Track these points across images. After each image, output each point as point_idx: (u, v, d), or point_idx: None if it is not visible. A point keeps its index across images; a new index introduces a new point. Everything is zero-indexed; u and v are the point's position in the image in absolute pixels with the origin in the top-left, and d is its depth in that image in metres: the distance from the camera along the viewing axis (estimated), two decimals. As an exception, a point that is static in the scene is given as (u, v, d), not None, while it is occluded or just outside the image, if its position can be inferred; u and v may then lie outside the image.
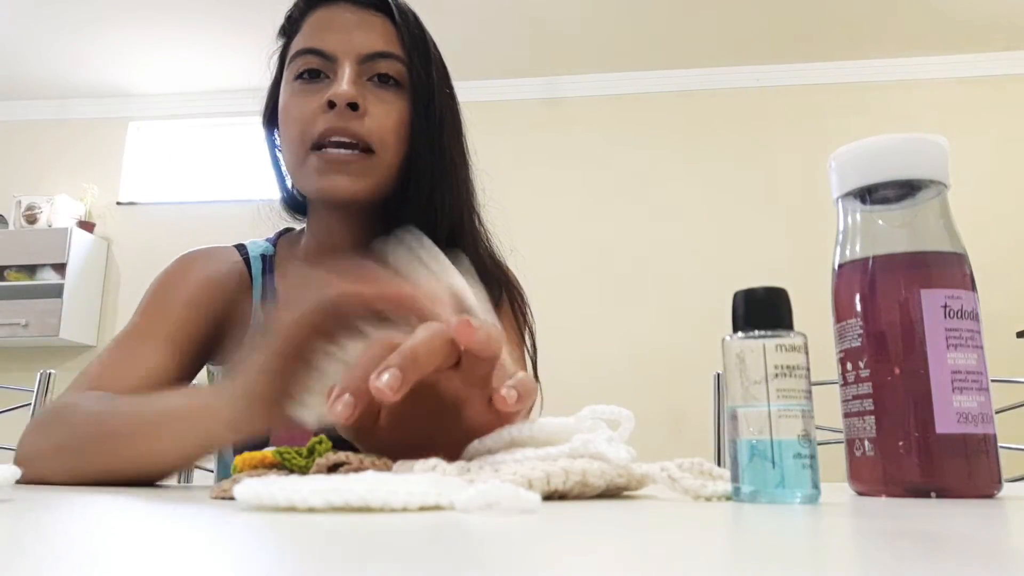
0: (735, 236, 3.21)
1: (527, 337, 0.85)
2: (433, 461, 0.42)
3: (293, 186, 0.84)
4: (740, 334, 0.41)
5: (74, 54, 3.33)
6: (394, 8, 0.76)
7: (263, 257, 0.83)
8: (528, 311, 0.86)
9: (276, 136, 0.82)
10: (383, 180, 0.74)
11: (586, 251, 3.24)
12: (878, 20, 3.02)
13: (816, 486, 0.38)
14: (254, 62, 3.37)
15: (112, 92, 3.65)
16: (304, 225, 0.86)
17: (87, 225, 3.50)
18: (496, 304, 0.82)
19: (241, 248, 0.84)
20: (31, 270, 3.38)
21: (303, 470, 0.43)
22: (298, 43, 0.77)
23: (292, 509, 0.29)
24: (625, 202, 3.31)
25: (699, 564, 0.19)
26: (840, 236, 0.52)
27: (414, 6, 0.83)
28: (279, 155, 0.82)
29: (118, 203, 3.62)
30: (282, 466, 0.44)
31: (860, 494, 0.47)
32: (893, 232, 0.49)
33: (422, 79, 0.75)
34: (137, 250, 3.55)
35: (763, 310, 0.41)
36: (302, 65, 0.75)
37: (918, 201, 0.49)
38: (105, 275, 3.55)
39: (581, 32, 3.13)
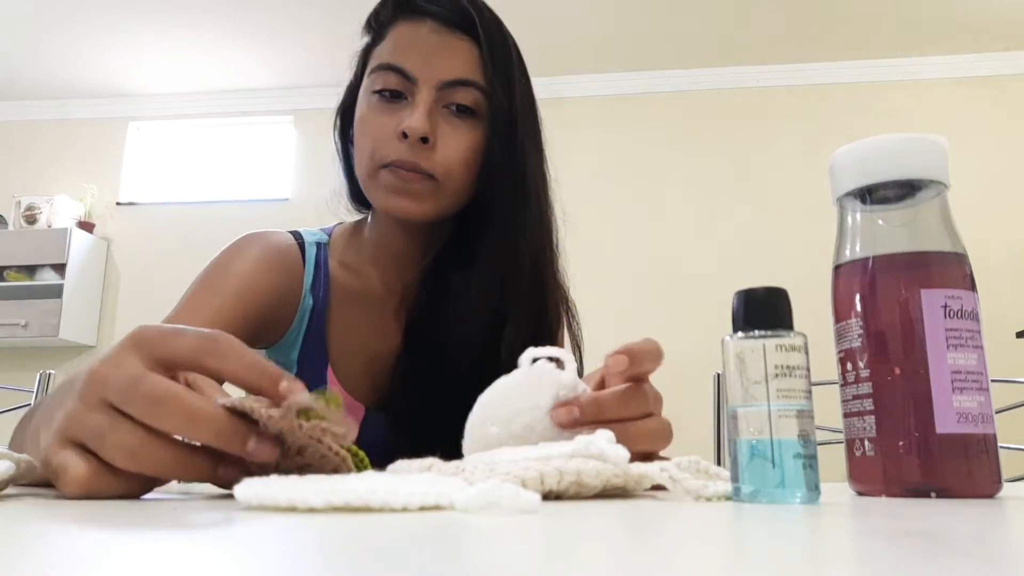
0: (735, 236, 3.21)
1: (577, 355, 0.87)
2: (429, 460, 0.42)
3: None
4: (740, 334, 0.41)
5: (74, 54, 3.33)
6: (480, 32, 0.75)
7: (318, 244, 0.84)
8: (580, 333, 0.88)
9: (350, 133, 0.83)
10: (447, 205, 0.76)
11: (586, 251, 3.23)
12: (878, 20, 3.02)
13: (816, 486, 0.38)
14: (254, 62, 3.38)
15: (112, 92, 3.65)
16: (361, 216, 0.88)
17: (87, 225, 3.50)
18: (557, 324, 0.84)
19: (296, 235, 0.85)
20: (31, 270, 3.38)
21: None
22: (381, 55, 0.77)
23: (292, 509, 0.29)
24: (625, 202, 3.31)
25: (699, 564, 0.19)
26: (840, 236, 0.52)
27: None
28: (351, 149, 0.82)
29: (118, 203, 3.62)
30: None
31: (860, 494, 0.47)
32: (893, 232, 0.49)
33: (503, 108, 0.75)
34: (137, 250, 3.55)
35: (763, 310, 0.41)
36: (382, 82, 0.75)
37: (918, 201, 0.49)
38: (105, 275, 3.55)
39: (582, 32, 3.13)
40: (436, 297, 0.78)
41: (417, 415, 0.77)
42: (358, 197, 0.86)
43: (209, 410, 0.36)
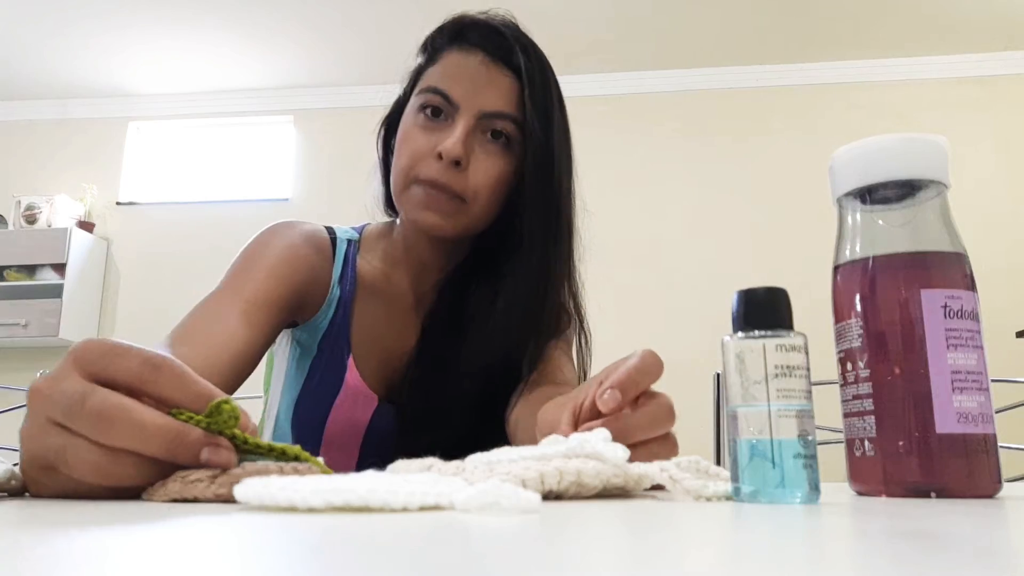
0: (735, 236, 3.21)
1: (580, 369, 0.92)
2: (429, 461, 0.42)
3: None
4: (740, 334, 0.41)
5: (74, 54, 3.33)
6: (524, 70, 0.80)
7: (348, 241, 0.89)
8: (589, 357, 0.93)
9: (391, 143, 0.87)
10: (471, 224, 0.80)
11: (586, 251, 3.24)
12: (878, 20, 3.02)
13: (816, 486, 0.38)
14: (254, 62, 3.38)
15: (112, 92, 3.64)
16: (391, 219, 0.92)
17: (87, 225, 3.50)
18: (563, 335, 0.90)
19: (329, 229, 0.89)
20: (31, 270, 3.37)
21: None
22: (431, 77, 0.81)
23: (292, 509, 0.29)
24: (625, 202, 3.31)
25: (699, 564, 0.19)
26: (840, 236, 0.52)
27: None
28: (391, 158, 0.86)
29: (118, 203, 3.62)
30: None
31: (860, 494, 0.47)
32: (893, 232, 0.49)
33: (540, 141, 0.79)
34: (137, 250, 3.55)
35: (763, 310, 0.41)
36: (428, 101, 0.80)
37: (918, 201, 0.49)
38: (105, 275, 3.55)
39: (581, 32, 3.13)
40: (455, 307, 0.84)
41: (421, 412, 0.82)
42: (391, 202, 0.90)
43: (159, 424, 0.36)
